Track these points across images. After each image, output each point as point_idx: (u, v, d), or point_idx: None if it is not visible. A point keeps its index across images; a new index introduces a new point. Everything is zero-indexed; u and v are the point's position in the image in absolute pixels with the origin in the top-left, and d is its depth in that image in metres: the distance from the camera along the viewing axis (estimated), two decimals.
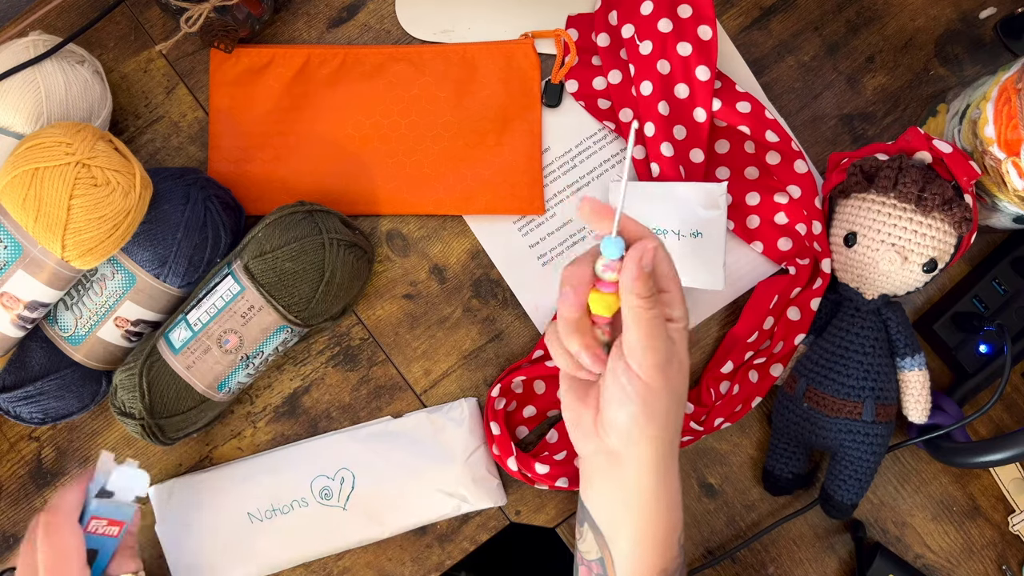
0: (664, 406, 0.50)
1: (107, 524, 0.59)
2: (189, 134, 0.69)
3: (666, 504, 0.53)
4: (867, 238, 0.60)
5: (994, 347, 0.64)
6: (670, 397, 0.50)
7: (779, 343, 0.64)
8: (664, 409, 0.50)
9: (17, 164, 0.55)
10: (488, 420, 0.66)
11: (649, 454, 0.51)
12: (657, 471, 0.52)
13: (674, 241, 0.63)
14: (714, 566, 0.66)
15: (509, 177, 0.67)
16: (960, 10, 0.69)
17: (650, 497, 0.52)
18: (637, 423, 0.50)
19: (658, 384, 0.49)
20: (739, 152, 0.67)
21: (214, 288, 0.61)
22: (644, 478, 0.52)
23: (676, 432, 0.52)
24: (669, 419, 0.51)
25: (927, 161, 0.59)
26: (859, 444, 0.62)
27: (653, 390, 0.49)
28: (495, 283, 0.68)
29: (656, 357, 0.49)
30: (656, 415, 0.50)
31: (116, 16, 0.69)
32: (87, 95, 0.62)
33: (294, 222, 0.61)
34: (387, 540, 0.67)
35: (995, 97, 0.57)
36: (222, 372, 0.61)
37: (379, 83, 0.67)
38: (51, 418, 0.64)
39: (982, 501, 0.67)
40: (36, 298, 0.58)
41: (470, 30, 0.68)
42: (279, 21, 0.69)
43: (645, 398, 0.49)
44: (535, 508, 0.68)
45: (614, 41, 0.67)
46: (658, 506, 0.52)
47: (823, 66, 0.69)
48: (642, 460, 0.51)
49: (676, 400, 0.51)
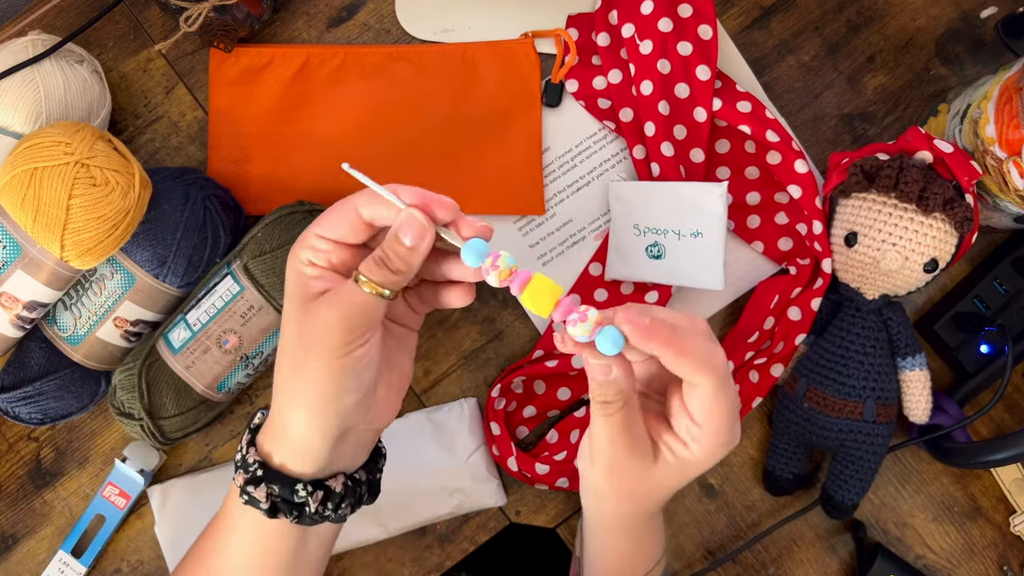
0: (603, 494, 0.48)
1: (118, 494, 0.63)
2: (188, 134, 0.69)
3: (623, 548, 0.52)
4: (868, 238, 0.60)
5: (995, 347, 0.64)
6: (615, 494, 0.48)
7: (780, 343, 0.64)
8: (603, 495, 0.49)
9: (16, 164, 0.55)
10: (488, 420, 0.65)
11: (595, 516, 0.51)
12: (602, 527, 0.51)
13: (674, 241, 0.63)
14: (715, 568, 0.66)
15: (509, 177, 0.67)
16: (961, 10, 0.69)
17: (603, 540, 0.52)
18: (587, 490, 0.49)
19: (600, 477, 0.47)
20: (739, 152, 0.66)
21: (213, 288, 0.61)
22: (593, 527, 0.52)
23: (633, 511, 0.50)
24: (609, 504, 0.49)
25: (928, 161, 0.59)
26: (860, 444, 0.62)
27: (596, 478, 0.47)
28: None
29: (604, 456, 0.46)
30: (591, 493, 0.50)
31: (115, 16, 0.69)
32: (86, 95, 0.62)
33: (294, 222, 0.61)
34: (387, 540, 0.67)
35: (996, 97, 0.57)
36: (221, 372, 0.61)
37: (379, 83, 0.67)
38: (50, 418, 0.64)
39: (983, 501, 0.67)
40: (35, 298, 0.58)
41: (470, 30, 0.68)
42: (279, 21, 0.69)
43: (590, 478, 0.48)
44: (535, 508, 0.68)
45: (614, 41, 0.67)
46: (613, 547, 0.52)
47: (824, 66, 0.69)
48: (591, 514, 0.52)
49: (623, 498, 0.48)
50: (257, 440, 0.48)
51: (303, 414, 0.45)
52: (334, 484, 0.47)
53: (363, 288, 0.44)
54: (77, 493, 0.68)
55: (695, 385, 0.43)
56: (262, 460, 0.47)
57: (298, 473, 0.46)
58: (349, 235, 0.45)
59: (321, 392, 0.44)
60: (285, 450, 0.46)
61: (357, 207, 0.45)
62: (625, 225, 0.65)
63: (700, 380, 0.43)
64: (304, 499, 0.46)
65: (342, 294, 0.44)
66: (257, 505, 0.46)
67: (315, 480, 0.47)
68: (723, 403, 0.43)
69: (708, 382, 0.43)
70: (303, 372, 0.44)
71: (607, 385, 0.43)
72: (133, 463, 0.65)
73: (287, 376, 0.45)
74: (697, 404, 0.44)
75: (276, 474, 0.46)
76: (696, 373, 0.43)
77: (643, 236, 0.64)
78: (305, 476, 0.46)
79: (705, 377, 0.43)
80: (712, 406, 0.43)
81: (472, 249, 0.43)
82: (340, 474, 0.48)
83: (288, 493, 0.46)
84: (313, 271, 0.45)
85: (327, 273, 0.45)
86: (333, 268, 0.45)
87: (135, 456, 0.65)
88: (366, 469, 0.50)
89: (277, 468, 0.46)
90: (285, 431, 0.46)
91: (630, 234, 0.65)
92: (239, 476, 0.47)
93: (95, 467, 0.68)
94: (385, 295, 0.44)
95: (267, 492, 0.46)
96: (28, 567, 0.67)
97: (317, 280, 0.45)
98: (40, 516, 0.68)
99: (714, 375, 0.43)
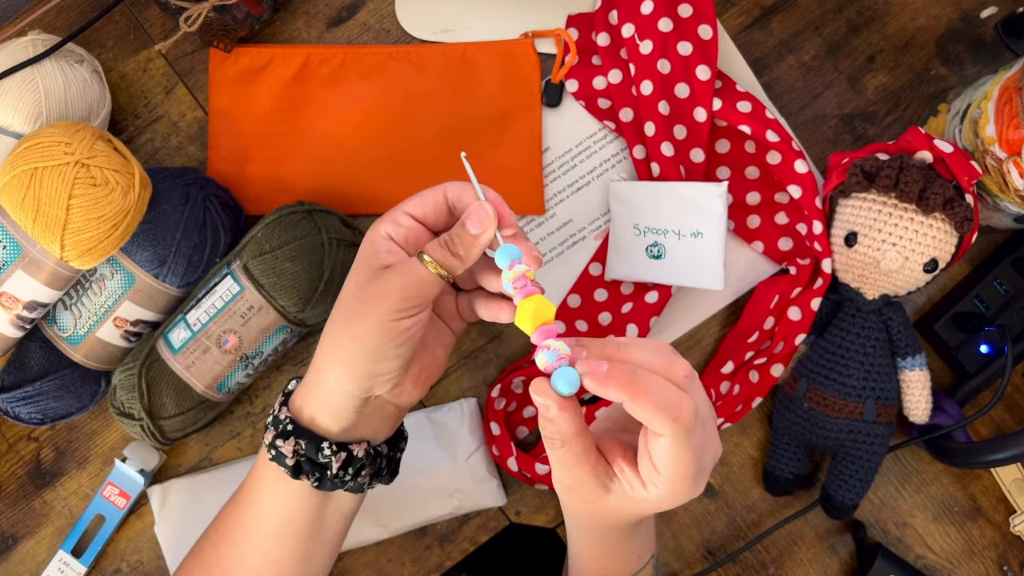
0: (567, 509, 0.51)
1: (118, 494, 0.64)
2: (188, 134, 0.69)
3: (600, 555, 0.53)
4: (868, 238, 0.60)
5: (995, 347, 0.64)
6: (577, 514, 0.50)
7: (780, 343, 0.64)
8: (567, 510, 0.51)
9: (16, 164, 0.55)
10: (488, 420, 0.65)
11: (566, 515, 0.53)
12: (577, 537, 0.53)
13: (674, 241, 0.63)
14: (715, 568, 0.66)
15: (509, 177, 0.67)
16: (961, 10, 0.69)
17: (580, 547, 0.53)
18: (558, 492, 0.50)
19: (562, 497, 0.49)
20: (739, 152, 0.66)
21: (213, 288, 0.61)
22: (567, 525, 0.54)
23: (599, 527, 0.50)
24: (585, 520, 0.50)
25: (928, 161, 0.59)
26: (860, 444, 0.62)
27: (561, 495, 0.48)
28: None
29: (559, 479, 0.46)
30: (569, 513, 0.52)
31: (115, 16, 0.69)
32: (86, 95, 0.62)
33: (293, 222, 0.61)
34: (387, 540, 0.67)
35: (996, 97, 0.57)
36: (221, 372, 0.61)
37: (379, 83, 0.67)
38: (50, 418, 0.64)
39: (983, 501, 0.67)
40: (35, 298, 0.58)
41: (470, 30, 0.68)
42: (278, 21, 0.69)
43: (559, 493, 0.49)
44: (535, 508, 0.68)
45: (614, 40, 0.67)
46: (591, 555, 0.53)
47: (824, 66, 0.69)
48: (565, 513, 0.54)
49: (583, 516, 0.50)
50: (290, 401, 0.51)
51: (339, 367, 0.48)
52: (357, 449, 0.50)
53: (425, 265, 0.47)
54: (77, 493, 0.68)
55: (657, 433, 0.42)
56: (292, 417, 0.50)
57: (324, 429, 0.50)
58: (431, 214, 0.49)
59: (363, 348, 0.47)
60: (316, 403, 0.50)
61: (445, 191, 0.49)
62: (625, 225, 0.65)
63: (660, 429, 0.41)
64: (328, 459, 0.49)
65: (405, 266, 0.48)
66: (283, 462, 0.49)
67: (339, 442, 0.50)
68: (685, 455, 0.42)
69: (668, 431, 0.41)
70: (351, 326, 0.48)
71: (546, 424, 0.43)
72: (133, 463, 0.65)
73: (336, 326, 0.49)
74: (659, 451, 0.42)
75: (304, 430, 0.50)
76: (656, 423, 0.41)
77: (643, 236, 0.64)
78: (331, 434, 0.50)
79: (665, 427, 0.41)
80: (672, 457, 0.42)
81: (505, 251, 0.47)
82: (364, 441, 0.51)
83: (313, 452, 0.49)
84: (388, 244, 0.49)
85: (398, 249, 0.49)
86: (406, 246, 0.49)
87: (135, 456, 0.65)
88: (388, 445, 0.53)
89: (306, 424, 0.50)
90: (319, 382, 0.49)
91: (630, 234, 0.65)
92: (268, 433, 0.50)
93: (95, 467, 0.68)
94: (442, 275, 0.47)
95: (294, 447, 0.49)
96: (28, 567, 0.67)
97: (388, 254, 0.48)
98: (40, 516, 0.68)
99: (675, 425, 0.41)
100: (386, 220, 0.49)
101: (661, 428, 0.41)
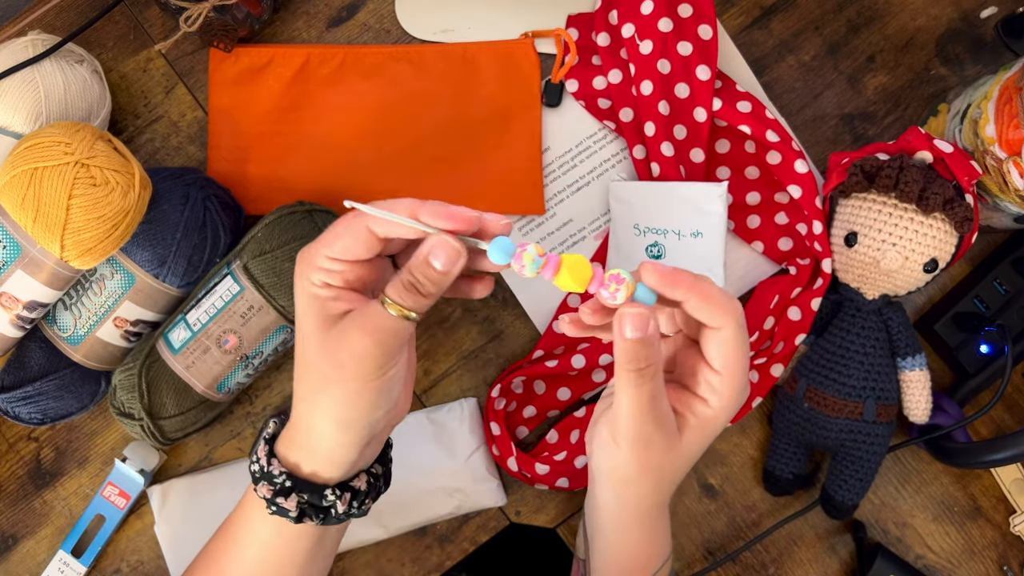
0: (628, 474, 0.48)
1: (118, 494, 0.64)
2: (188, 134, 0.69)
3: (637, 541, 0.51)
4: (868, 238, 0.60)
5: (995, 347, 0.64)
6: (640, 471, 0.47)
7: (780, 343, 0.64)
8: (627, 476, 0.48)
9: (16, 164, 0.55)
10: (488, 420, 0.65)
11: (609, 499, 0.51)
12: (619, 515, 0.51)
13: (674, 241, 0.63)
14: (715, 568, 0.66)
15: (509, 177, 0.67)
16: (961, 10, 0.69)
17: (619, 531, 0.51)
18: (600, 471, 0.49)
19: (626, 455, 0.47)
20: (739, 152, 0.66)
21: (213, 288, 0.61)
22: (609, 519, 0.51)
23: (655, 491, 0.49)
24: (633, 486, 0.49)
25: (928, 161, 0.59)
26: (860, 444, 0.62)
27: (620, 457, 0.47)
28: (495, 283, 0.68)
29: (632, 432, 0.45)
30: (616, 477, 0.48)
31: (115, 15, 0.69)
32: (86, 95, 0.62)
33: (293, 222, 0.61)
34: (387, 541, 0.67)
35: (996, 97, 0.57)
36: (221, 372, 0.61)
37: (379, 83, 0.67)
38: (50, 418, 0.64)
39: (983, 502, 0.67)
40: (35, 298, 0.58)
41: (470, 30, 0.68)
42: (278, 20, 0.69)
43: (613, 460, 0.47)
44: (535, 508, 0.68)
45: (614, 40, 0.67)
46: (627, 541, 0.51)
47: (824, 66, 0.69)
48: (608, 504, 0.51)
49: (650, 475, 0.48)
50: (277, 450, 0.48)
51: (333, 427, 0.45)
52: (358, 483, 0.48)
53: (390, 311, 0.43)
54: (77, 493, 0.68)
55: (717, 328, 0.45)
56: (288, 471, 0.47)
57: (327, 479, 0.47)
58: (363, 253, 0.44)
59: (354, 410, 0.45)
60: (315, 459, 0.47)
61: (369, 226, 0.44)
62: (625, 225, 0.65)
63: (723, 322, 0.44)
64: (332, 502, 0.47)
65: (371, 319, 0.43)
66: (286, 515, 0.47)
67: (341, 483, 0.47)
68: (742, 347, 0.45)
69: (729, 322, 0.44)
70: (332, 391, 0.44)
71: (643, 346, 0.43)
72: (133, 463, 0.65)
73: (314, 392, 0.45)
74: (716, 349, 0.45)
75: (306, 483, 0.47)
76: (718, 316, 0.44)
77: (643, 236, 0.64)
78: (333, 481, 0.47)
79: (727, 318, 0.44)
80: (732, 349, 0.45)
81: (499, 248, 0.43)
82: (362, 472, 0.49)
83: (317, 499, 0.46)
84: (329, 292, 0.44)
85: (345, 292, 0.45)
86: (350, 286, 0.45)
87: (135, 456, 0.65)
88: (379, 461, 0.51)
89: (307, 477, 0.47)
90: (312, 442, 0.46)
91: (630, 234, 0.65)
92: (263, 488, 0.47)
93: (95, 467, 0.68)
94: (412, 317, 0.44)
95: (297, 501, 0.46)
96: (28, 567, 0.67)
97: (335, 301, 0.44)
98: (40, 516, 0.68)
99: (733, 316, 0.44)
100: (311, 267, 0.44)
101: (722, 320, 0.44)
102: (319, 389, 0.45)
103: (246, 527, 0.50)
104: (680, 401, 0.47)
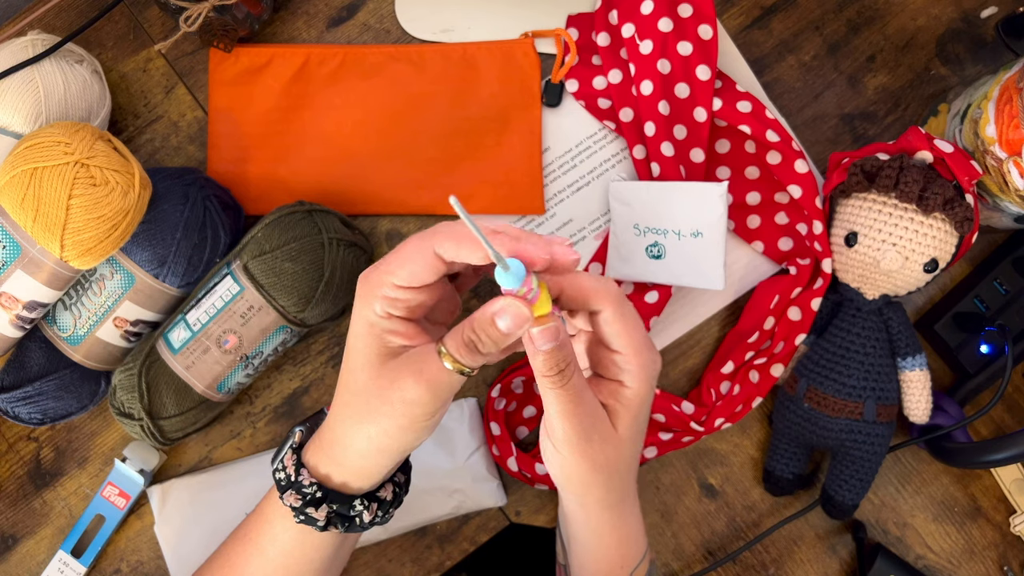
0: (580, 476, 0.47)
1: (118, 494, 0.64)
2: (188, 134, 0.69)
3: (608, 543, 0.51)
4: (868, 238, 0.60)
5: (995, 347, 0.64)
6: (590, 470, 0.47)
7: (780, 343, 0.64)
8: (580, 478, 0.47)
9: (16, 164, 0.55)
10: (488, 420, 0.65)
11: (574, 507, 0.51)
12: (587, 520, 0.51)
13: (674, 241, 0.63)
14: (715, 568, 0.66)
15: (509, 177, 0.67)
16: (961, 9, 0.68)
17: (588, 535, 0.52)
18: (557, 481, 0.49)
19: (571, 458, 0.46)
20: (740, 152, 0.66)
21: (213, 288, 0.61)
22: (578, 525, 0.52)
23: (612, 488, 0.49)
24: (590, 487, 0.48)
25: (928, 161, 0.59)
26: (860, 444, 0.62)
27: (567, 462, 0.47)
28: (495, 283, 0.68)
29: (567, 433, 0.45)
30: (572, 482, 0.48)
31: (115, 15, 0.69)
32: (86, 95, 0.62)
33: (293, 222, 0.61)
34: (387, 540, 0.67)
35: (996, 96, 0.57)
36: (221, 372, 0.61)
37: (379, 83, 0.67)
38: (50, 418, 0.64)
39: (983, 502, 0.67)
40: (35, 298, 0.58)
41: (470, 30, 0.68)
42: (278, 20, 0.69)
43: (561, 466, 0.47)
44: (535, 509, 0.68)
45: (614, 40, 0.67)
46: (599, 543, 0.51)
47: (824, 65, 0.69)
48: (575, 512, 0.51)
49: (599, 471, 0.47)
50: (306, 460, 0.48)
51: (373, 452, 0.46)
52: (384, 494, 0.49)
53: (446, 363, 0.44)
54: (77, 493, 0.68)
55: (599, 312, 0.46)
56: (318, 481, 0.47)
57: (356, 489, 0.48)
58: (429, 279, 0.44)
59: (396, 442, 0.46)
60: (346, 472, 0.47)
61: (437, 250, 0.44)
62: (625, 225, 0.65)
63: (601, 304, 0.46)
64: (359, 512, 0.48)
65: (428, 369, 0.44)
66: (314, 524, 0.47)
67: (368, 493, 0.48)
68: (630, 319, 0.46)
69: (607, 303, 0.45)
70: (378, 423, 0.45)
71: (556, 350, 0.43)
72: (133, 463, 0.65)
73: (358, 420, 0.46)
74: (608, 330, 0.46)
75: (336, 494, 0.47)
76: (593, 301, 0.45)
77: (643, 236, 0.64)
78: (362, 491, 0.48)
79: (602, 300, 0.45)
80: (621, 325, 0.46)
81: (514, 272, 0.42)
82: (388, 483, 0.50)
83: (345, 509, 0.47)
84: (390, 324, 0.45)
85: (404, 324, 0.45)
86: (411, 314, 0.45)
87: (135, 456, 0.65)
88: (401, 469, 0.52)
89: (337, 488, 0.48)
90: (347, 457, 0.47)
91: (630, 234, 0.65)
92: (290, 497, 0.47)
93: (95, 467, 0.68)
94: (467, 373, 0.44)
95: (327, 512, 0.47)
96: (28, 567, 0.67)
97: (394, 335, 0.45)
98: (40, 516, 0.68)
99: (608, 295, 0.46)
100: (375, 296, 0.44)
101: (598, 303, 0.45)
102: (364, 420, 0.45)
103: (268, 533, 0.50)
104: (603, 392, 0.47)
